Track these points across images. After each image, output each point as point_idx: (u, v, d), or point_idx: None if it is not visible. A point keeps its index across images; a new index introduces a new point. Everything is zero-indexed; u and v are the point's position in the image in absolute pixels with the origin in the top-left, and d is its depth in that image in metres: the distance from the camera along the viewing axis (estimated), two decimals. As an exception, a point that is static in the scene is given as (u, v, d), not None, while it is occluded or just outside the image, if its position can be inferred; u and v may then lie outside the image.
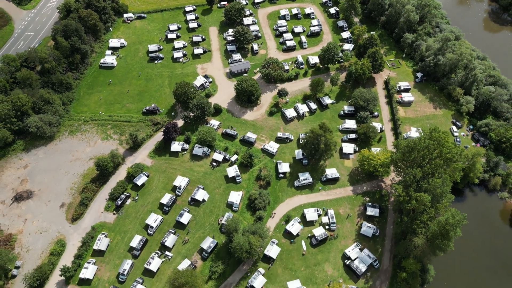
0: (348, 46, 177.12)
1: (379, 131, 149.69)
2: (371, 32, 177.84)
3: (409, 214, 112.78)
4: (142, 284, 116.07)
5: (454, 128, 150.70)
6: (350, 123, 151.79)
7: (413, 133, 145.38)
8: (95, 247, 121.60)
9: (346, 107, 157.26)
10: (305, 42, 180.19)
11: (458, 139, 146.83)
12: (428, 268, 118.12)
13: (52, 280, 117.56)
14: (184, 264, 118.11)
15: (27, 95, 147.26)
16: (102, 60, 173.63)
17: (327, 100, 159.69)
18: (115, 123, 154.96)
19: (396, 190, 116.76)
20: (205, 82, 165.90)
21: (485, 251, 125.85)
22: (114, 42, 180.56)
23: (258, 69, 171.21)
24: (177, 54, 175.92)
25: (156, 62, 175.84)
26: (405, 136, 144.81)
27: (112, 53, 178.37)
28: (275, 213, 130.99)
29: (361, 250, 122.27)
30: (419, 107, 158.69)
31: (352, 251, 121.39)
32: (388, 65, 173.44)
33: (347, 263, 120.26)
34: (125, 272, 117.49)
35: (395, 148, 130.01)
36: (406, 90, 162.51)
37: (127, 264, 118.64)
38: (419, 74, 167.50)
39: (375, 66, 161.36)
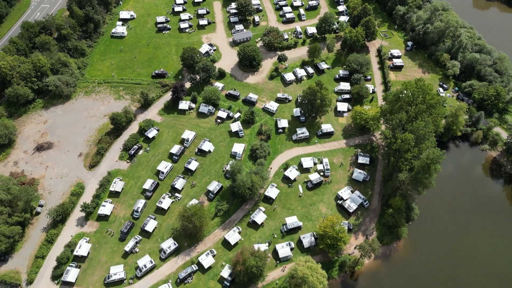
0: (343, 18, 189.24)
1: (371, 92, 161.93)
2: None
3: (395, 154, 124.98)
4: (154, 219, 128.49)
5: (441, 90, 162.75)
6: (345, 85, 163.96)
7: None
8: (111, 188, 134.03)
9: (341, 71, 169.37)
10: (303, 15, 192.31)
11: (445, 103, 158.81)
12: (413, 207, 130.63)
13: (73, 216, 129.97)
14: (192, 203, 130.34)
15: (46, 57, 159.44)
16: (113, 30, 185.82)
17: (324, 65, 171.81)
18: (127, 85, 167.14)
19: (384, 133, 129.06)
20: (210, 50, 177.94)
21: (466, 195, 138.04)
22: (124, 14, 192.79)
23: (259, 38, 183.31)
24: (183, 25, 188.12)
25: (163, 32, 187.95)
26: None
27: (122, 24, 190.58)
28: (271, 168, 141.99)
29: (352, 192, 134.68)
30: (409, 72, 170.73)
31: (344, 192, 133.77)
32: (381, 36, 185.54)
33: (340, 202, 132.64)
34: (139, 210, 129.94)
35: (384, 101, 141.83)
36: (397, 57, 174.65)
37: (140, 203, 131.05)
38: (409, 43, 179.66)
39: (368, 34, 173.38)
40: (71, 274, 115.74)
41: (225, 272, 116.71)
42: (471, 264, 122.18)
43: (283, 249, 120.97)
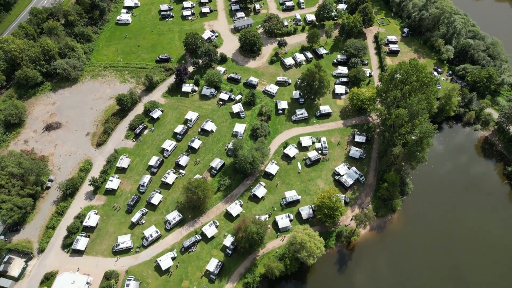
0: (342, 6, 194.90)
1: (368, 76, 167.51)
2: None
3: (390, 130, 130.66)
4: (160, 193, 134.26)
5: (435, 73, 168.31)
6: (342, 69, 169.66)
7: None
8: (118, 165, 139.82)
9: (339, 56, 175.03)
10: (302, 2, 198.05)
11: (438, 83, 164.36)
12: (407, 182, 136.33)
13: (81, 190, 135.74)
14: (196, 178, 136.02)
15: (53, 42, 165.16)
16: (118, 17, 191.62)
17: (322, 51, 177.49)
18: (132, 69, 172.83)
19: (379, 110, 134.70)
20: (212, 36, 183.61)
21: (459, 172, 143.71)
22: (128, 2, 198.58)
23: (260, 25, 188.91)
24: (186, 13, 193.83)
25: (167, 19, 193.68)
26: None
27: (127, 12, 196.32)
28: (270, 148, 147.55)
29: (349, 168, 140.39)
30: (405, 57, 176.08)
31: (341, 168, 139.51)
32: (378, 23, 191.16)
33: (337, 178, 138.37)
34: (145, 185, 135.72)
35: (380, 81, 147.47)
36: (394, 43, 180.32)
37: (146, 178, 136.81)
38: (405, 30, 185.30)
39: (365, 20, 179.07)
40: (81, 242, 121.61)
41: (227, 241, 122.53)
42: (462, 236, 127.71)
43: (283, 220, 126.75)
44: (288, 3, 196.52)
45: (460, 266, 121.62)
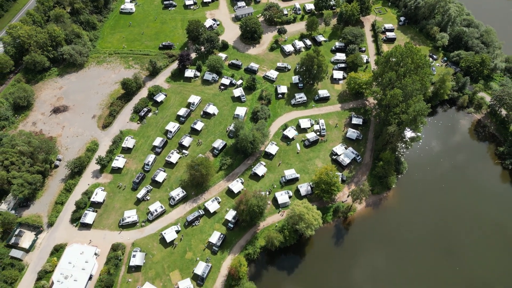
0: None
1: (365, 62, 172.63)
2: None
3: (385, 110, 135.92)
4: (164, 172, 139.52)
5: (430, 60, 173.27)
6: (340, 56, 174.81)
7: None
8: (123, 145, 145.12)
9: (337, 43, 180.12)
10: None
11: (433, 68, 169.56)
12: (402, 161, 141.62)
13: (89, 169, 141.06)
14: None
15: (60, 28, 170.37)
16: (122, 6, 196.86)
17: (321, 38, 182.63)
18: (136, 56, 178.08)
19: (375, 91, 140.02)
20: (213, 24, 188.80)
21: (452, 153, 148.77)
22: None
23: (260, 14, 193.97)
24: (188, 2, 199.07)
25: (170, 9, 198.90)
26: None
27: (130, 1, 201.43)
28: (269, 130, 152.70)
29: (346, 148, 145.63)
30: (401, 44, 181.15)
31: (339, 148, 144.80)
32: (375, 12, 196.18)
33: (334, 157, 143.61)
34: (150, 164, 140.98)
35: (376, 65, 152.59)
36: (390, 30, 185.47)
37: (151, 157, 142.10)
38: (402, 18, 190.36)
39: (362, 8, 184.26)
40: (89, 217, 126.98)
41: (229, 215, 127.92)
42: (454, 212, 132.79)
43: (282, 196, 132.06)
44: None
45: (452, 241, 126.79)
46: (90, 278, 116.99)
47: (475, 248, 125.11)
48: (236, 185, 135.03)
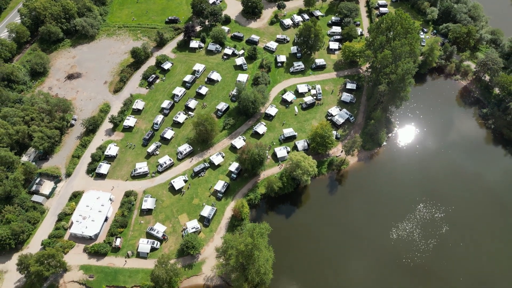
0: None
1: (359, 34, 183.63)
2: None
3: (376, 71, 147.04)
4: (171, 130, 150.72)
5: (421, 33, 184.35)
6: (336, 29, 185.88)
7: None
8: (134, 106, 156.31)
9: (333, 18, 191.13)
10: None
11: (423, 40, 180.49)
12: (392, 121, 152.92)
13: (102, 128, 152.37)
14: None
15: (73, 2, 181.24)
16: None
17: (318, 13, 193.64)
18: (144, 29, 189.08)
19: (367, 54, 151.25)
20: (216, 0, 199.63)
21: (440, 115, 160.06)
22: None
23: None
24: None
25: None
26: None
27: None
28: (269, 94, 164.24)
29: (340, 110, 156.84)
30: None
31: (334, 110, 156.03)
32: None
33: (329, 118, 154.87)
34: (158, 123, 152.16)
35: (369, 32, 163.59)
36: (384, 6, 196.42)
37: (159, 117, 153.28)
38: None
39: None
40: (103, 168, 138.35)
41: (232, 167, 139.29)
42: (439, 166, 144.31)
43: (281, 151, 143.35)
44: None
45: (436, 189, 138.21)
46: (106, 220, 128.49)
47: (457, 193, 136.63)
48: (239, 142, 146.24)
